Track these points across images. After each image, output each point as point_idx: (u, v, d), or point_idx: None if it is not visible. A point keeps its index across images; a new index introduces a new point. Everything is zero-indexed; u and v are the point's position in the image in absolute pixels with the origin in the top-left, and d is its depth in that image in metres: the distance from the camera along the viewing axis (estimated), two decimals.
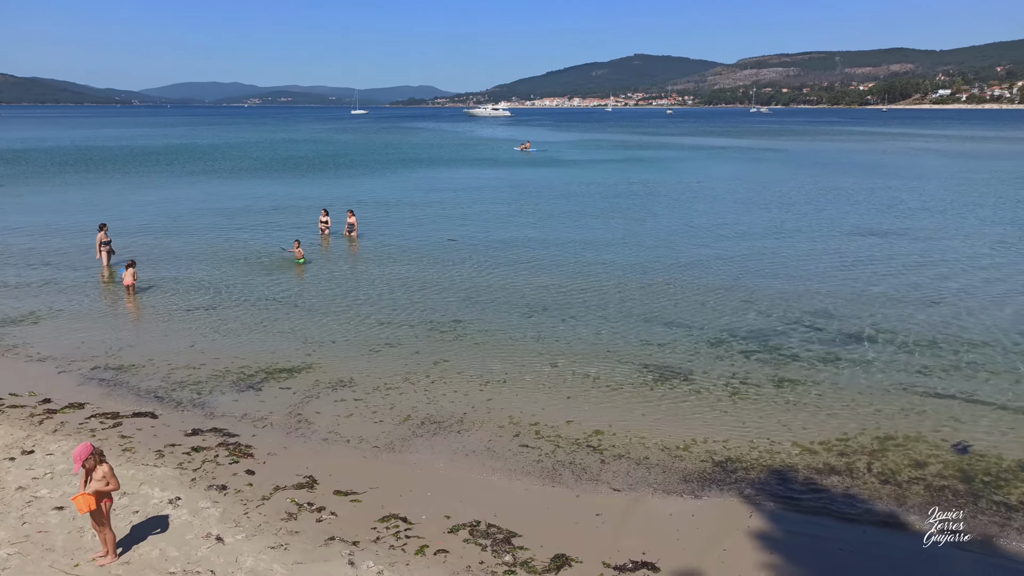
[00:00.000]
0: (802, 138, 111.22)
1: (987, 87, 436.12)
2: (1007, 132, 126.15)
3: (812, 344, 15.46)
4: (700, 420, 11.85)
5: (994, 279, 21.09)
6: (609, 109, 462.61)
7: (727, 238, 27.87)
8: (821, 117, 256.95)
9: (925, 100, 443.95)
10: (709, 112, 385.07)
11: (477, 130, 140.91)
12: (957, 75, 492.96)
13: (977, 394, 12.77)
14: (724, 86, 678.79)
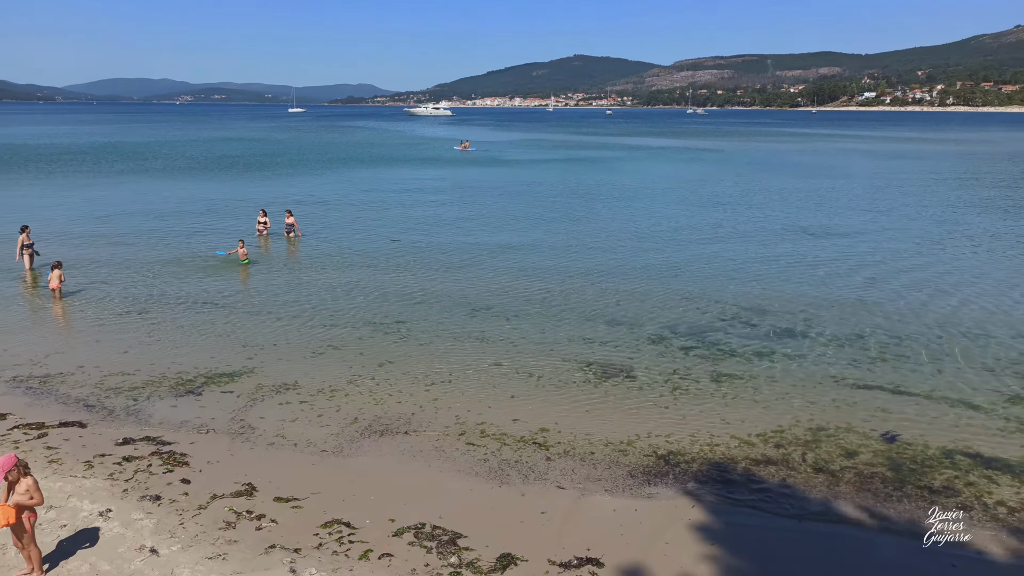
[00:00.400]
0: (737, 139, 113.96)
1: (909, 90, 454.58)
2: (928, 133, 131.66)
3: (748, 339, 15.84)
4: (643, 416, 12.01)
5: (917, 275, 21.95)
6: (550, 109, 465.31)
7: (666, 237, 28.34)
8: (754, 118, 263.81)
9: (852, 102, 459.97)
10: (647, 112, 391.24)
11: (418, 129, 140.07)
12: (881, 78, 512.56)
13: (903, 385, 13.26)
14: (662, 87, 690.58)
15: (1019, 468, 10.11)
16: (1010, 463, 10.28)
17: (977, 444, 10.89)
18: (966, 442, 10.96)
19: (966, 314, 17.74)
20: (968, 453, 10.56)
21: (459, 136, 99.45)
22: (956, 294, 19.61)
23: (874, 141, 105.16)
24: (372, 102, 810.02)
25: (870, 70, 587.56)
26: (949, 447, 10.80)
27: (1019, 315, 17.62)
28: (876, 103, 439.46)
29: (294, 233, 27.83)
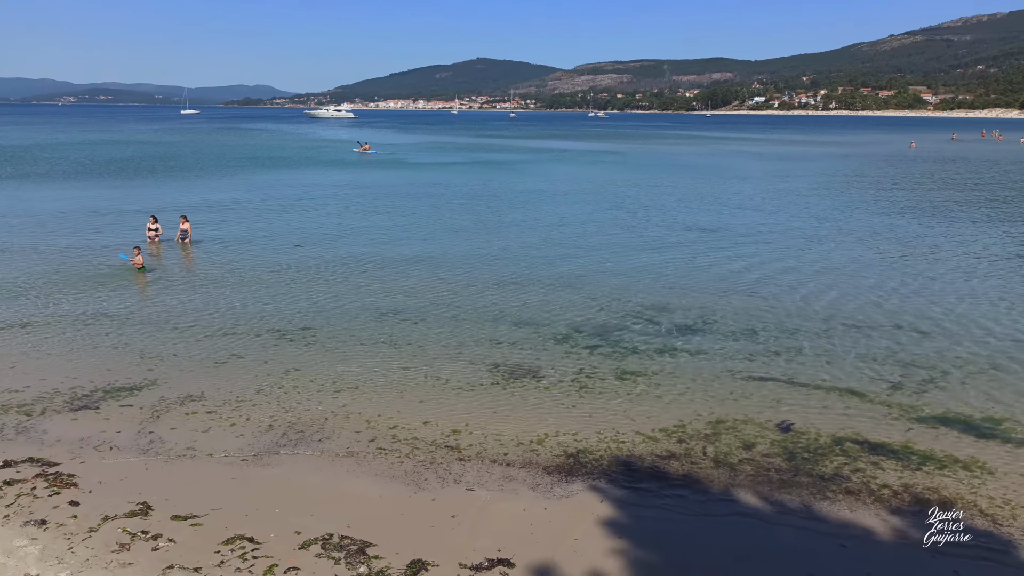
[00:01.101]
0: (636, 141, 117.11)
1: (795, 95, 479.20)
2: (812, 136, 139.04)
3: (650, 336, 16.31)
4: (551, 415, 12.17)
5: (803, 270, 23.15)
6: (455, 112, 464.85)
7: (571, 238, 28.83)
8: (653, 121, 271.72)
9: (744, 106, 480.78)
10: (550, 116, 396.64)
11: (319, 132, 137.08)
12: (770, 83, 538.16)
13: (795, 376, 13.94)
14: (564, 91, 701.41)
15: (902, 453, 10.77)
16: (894, 448, 10.94)
17: (864, 431, 11.54)
18: (854, 429, 11.59)
19: (848, 306, 18.83)
20: (856, 440, 11.17)
21: (363, 138, 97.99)
22: (838, 288, 20.78)
23: (764, 144, 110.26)
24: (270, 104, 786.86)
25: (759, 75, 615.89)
26: (839, 435, 11.39)
27: (893, 306, 18.82)
28: (766, 107, 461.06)
29: (188, 239, 26.73)
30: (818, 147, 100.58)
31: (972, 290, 20.63)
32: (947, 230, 30.88)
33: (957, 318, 17.79)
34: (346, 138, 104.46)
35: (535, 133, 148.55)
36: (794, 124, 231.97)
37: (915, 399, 12.82)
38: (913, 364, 14.55)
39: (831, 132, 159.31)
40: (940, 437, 11.34)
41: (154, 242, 26.64)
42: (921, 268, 23.46)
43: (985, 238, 29.03)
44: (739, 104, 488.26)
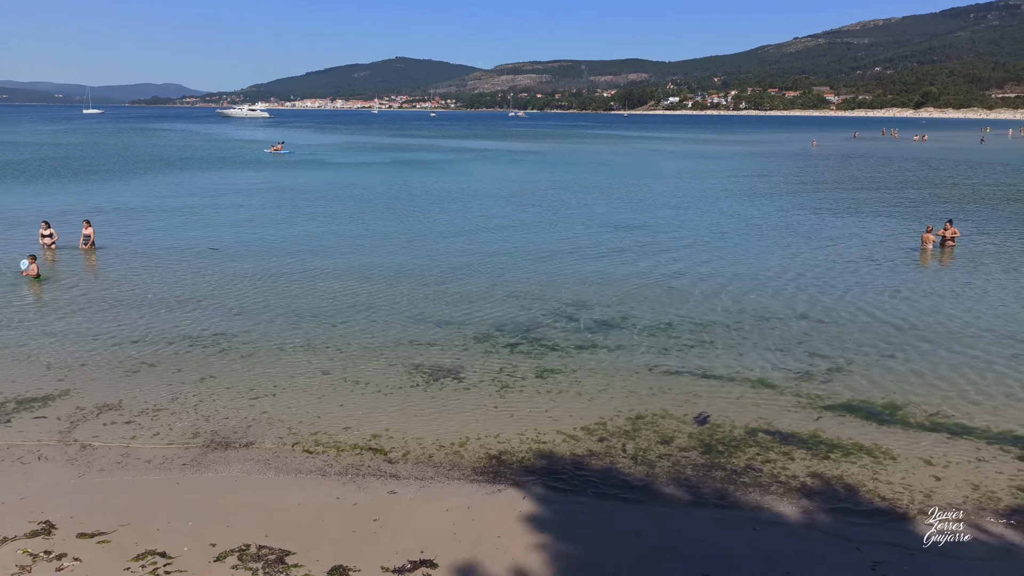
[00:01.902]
0: (556, 140, 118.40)
1: (708, 95, 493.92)
2: (724, 135, 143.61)
3: (570, 332, 16.55)
4: (473, 416, 12.14)
5: (715, 264, 23.90)
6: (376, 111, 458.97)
7: (492, 237, 28.94)
8: (572, 121, 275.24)
9: (659, 106, 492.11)
10: (471, 115, 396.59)
11: (233, 132, 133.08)
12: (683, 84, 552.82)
13: (710, 368, 14.34)
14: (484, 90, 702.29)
15: (811, 442, 11.14)
16: (803, 437, 11.31)
17: (775, 421, 11.92)
18: (766, 420, 11.95)
19: (757, 299, 19.55)
20: (768, 431, 11.53)
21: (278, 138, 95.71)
22: (748, 281, 21.55)
23: (679, 143, 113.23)
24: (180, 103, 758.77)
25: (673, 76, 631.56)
26: (752, 426, 11.73)
27: (799, 298, 19.63)
28: (680, 107, 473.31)
29: (92, 244, 25.54)
30: (729, 146, 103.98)
31: (871, 280, 21.74)
32: (845, 223, 32.45)
33: (858, 307, 18.72)
34: (262, 138, 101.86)
35: (456, 133, 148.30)
36: (707, 124, 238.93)
37: (822, 388, 13.34)
38: (818, 353, 15.20)
39: (741, 131, 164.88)
40: (846, 424, 11.82)
41: (50, 249, 25.28)
42: (823, 260, 24.57)
43: (880, 230, 30.64)
44: (655, 104, 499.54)
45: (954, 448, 10.98)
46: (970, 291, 20.68)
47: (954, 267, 24.14)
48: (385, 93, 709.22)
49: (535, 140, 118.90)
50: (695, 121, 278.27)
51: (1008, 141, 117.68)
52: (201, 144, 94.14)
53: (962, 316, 18.02)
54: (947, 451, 10.87)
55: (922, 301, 19.50)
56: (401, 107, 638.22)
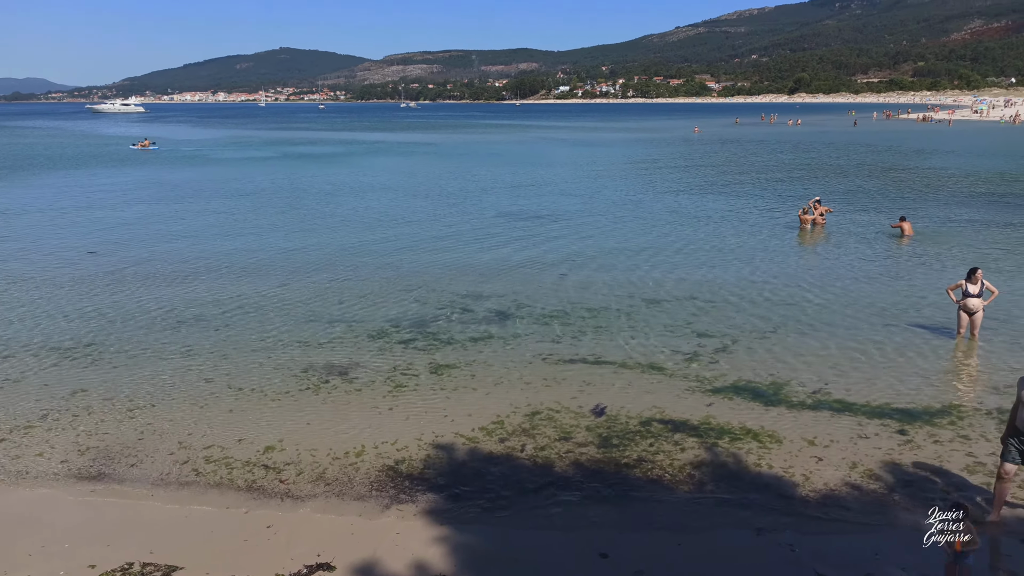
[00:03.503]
0: (450, 131, 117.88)
1: (597, 84, 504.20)
2: (613, 123, 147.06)
3: (465, 325, 16.39)
4: (367, 422, 11.60)
5: (608, 250, 24.31)
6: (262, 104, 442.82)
7: (385, 230, 28.43)
8: (465, 111, 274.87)
9: (550, 95, 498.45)
10: (362, 107, 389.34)
11: (105, 128, 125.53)
12: (573, 73, 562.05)
13: (604, 355, 14.38)
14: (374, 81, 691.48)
15: (702, 429, 11.17)
16: (694, 424, 11.32)
17: (668, 408, 11.91)
18: (659, 408, 11.93)
19: (647, 283, 19.97)
20: (662, 419, 11.50)
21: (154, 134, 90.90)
22: (638, 265, 22.01)
23: (570, 131, 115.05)
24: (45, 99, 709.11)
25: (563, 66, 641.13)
26: (646, 415, 11.68)
27: (686, 280, 20.21)
28: (570, 96, 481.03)
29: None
30: (618, 133, 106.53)
31: (753, 259, 22.67)
32: (727, 205, 33.80)
33: (742, 287, 19.44)
34: (138, 134, 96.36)
35: (347, 125, 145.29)
36: (597, 112, 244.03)
37: (711, 369, 13.61)
38: (707, 334, 15.61)
39: (629, 119, 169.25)
40: (734, 408, 11.97)
41: None
42: (708, 242, 25.47)
43: (759, 210, 32.09)
44: (546, 93, 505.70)
45: (836, 426, 11.21)
46: (843, 266, 21.91)
47: (827, 244, 25.54)
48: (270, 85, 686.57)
49: (428, 131, 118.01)
50: (585, 109, 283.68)
51: (874, 124, 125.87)
52: (71, 142, 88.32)
53: (837, 291, 19.01)
54: (829, 429, 11.07)
55: (800, 278, 20.45)
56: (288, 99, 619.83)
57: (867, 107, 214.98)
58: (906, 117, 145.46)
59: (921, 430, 11.04)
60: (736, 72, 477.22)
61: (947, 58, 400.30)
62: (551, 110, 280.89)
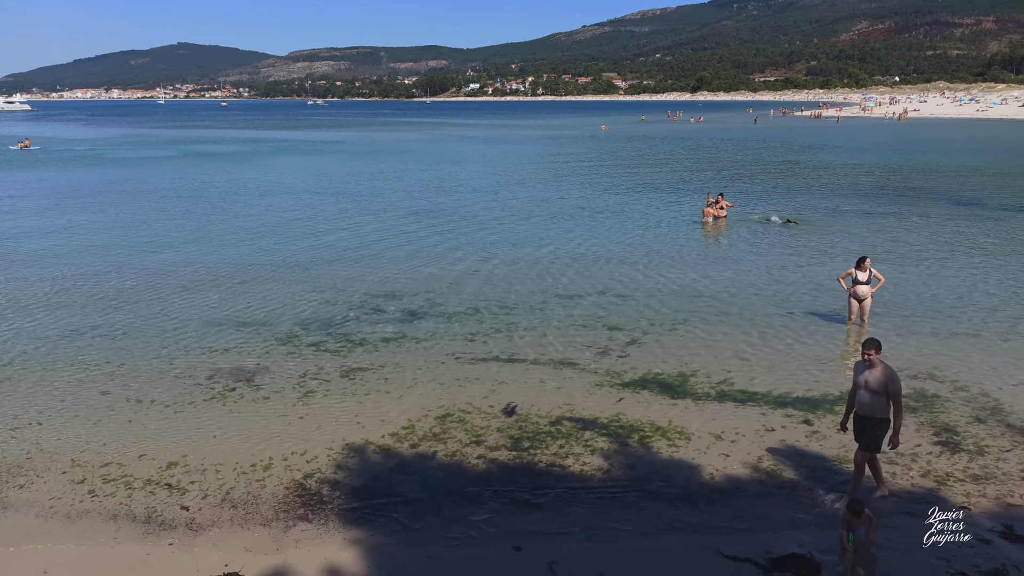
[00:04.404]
0: (360, 129, 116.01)
1: (506, 82, 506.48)
2: (523, 120, 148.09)
3: (376, 325, 16.14)
4: (276, 432, 11.12)
5: (522, 246, 24.44)
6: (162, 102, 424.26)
7: (294, 230, 27.70)
8: (375, 109, 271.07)
9: (460, 93, 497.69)
10: (267, 104, 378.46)
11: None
12: (483, 71, 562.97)
13: (516, 353, 14.39)
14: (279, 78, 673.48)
15: (612, 426, 11.17)
16: (604, 422, 11.32)
17: (578, 406, 11.90)
18: (570, 405, 11.93)
19: (559, 278, 20.19)
20: (572, 418, 11.47)
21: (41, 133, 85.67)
22: (551, 261, 22.22)
23: (481, 128, 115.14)
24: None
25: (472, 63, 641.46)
26: (556, 413, 11.64)
27: (597, 274, 20.55)
28: (481, 93, 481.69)
29: None
30: (528, 131, 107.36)
31: (661, 253, 23.26)
32: (634, 200, 34.59)
33: (650, 280, 19.89)
34: (21, 133, 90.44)
35: (252, 123, 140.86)
36: (507, 109, 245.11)
37: (621, 364, 13.79)
38: (618, 328, 15.87)
39: (538, 116, 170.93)
40: (643, 402, 12.09)
41: None
42: (617, 236, 25.97)
43: (663, 205, 32.97)
44: (456, 91, 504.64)
45: (742, 418, 11.43)
46: (743, 258, 22.76)
47: (728, 236, 26.49)
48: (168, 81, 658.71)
49: (337, 129, 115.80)
50: (496, 107, 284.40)
51: (772, 120, 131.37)
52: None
53: (740, 282, 19.70)
54: (736, 422, 11.26)
55: (705, 270, 21.11)
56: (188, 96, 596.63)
57: (765, 104, 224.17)
58: (800, 114, 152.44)
59: (824, 419, 11.39)
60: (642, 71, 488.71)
61: (837, 58, 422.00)
62: (462, 108, 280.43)
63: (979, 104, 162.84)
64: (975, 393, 12.34)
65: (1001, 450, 10.31)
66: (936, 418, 11.41)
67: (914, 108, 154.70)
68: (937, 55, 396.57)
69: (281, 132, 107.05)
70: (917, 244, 24.65)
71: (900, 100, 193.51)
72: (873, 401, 8.68)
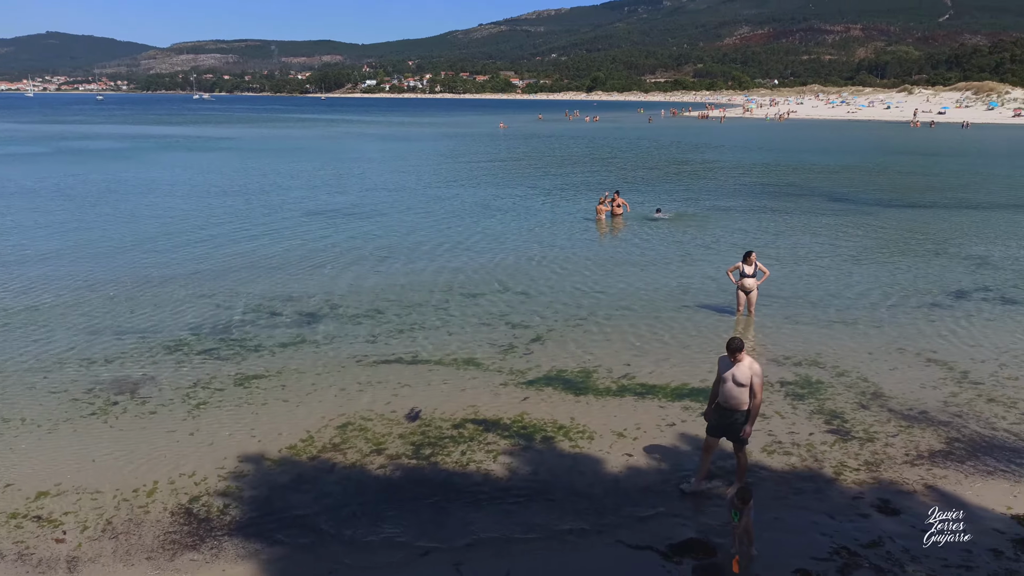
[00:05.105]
0: (251, 125, 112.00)
1: (404, 78, 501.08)
2: (421, 118, 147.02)
3: (274, 329, 15.56)
4: (163, 450, 10.30)
5: (422, 245, 24.17)
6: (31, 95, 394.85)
7: (182, 230, 26.37)
8: (266, 104, 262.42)
9: (357, 89, 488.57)
10: (148, 98, 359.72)
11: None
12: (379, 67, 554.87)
13: (419, 354, 14.15)
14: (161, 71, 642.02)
15: (515, 427, 11.05)
16: (507, 423, 11.17)
17: (483, 406, 11.74)
18: (474, 405, 11.77)
19: (462, 276, 20.09)
20: (476, 420, 11.27)
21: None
22: (454, 259, 22.10)
23: (379, 125, 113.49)
24: None
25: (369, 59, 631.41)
26: (460, 416, 11.40)
27: (500, 271, 20.57)
28: (378, 90, 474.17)
29: None
30: (427, 128, 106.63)
31: (559, 250, 23.52)
32: (531, 196, 34.95)
33: (550, 276, 20.06)
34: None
35: (132, 118, 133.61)
36: (405, 106, 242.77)
37: (525, 362, 13.78)
38: (522, 325, 15.91)
39: (437, 114, 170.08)
40: (547, 399, 12.05)
41: None
42: (517, 234, 26.12)
43: (561, 201, 33.45)
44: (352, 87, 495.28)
45: (643, 413, 11.53)
46: (638, 253, 23.37)
47: (625, 232, 27.16)
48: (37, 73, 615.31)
49: (226, 125, 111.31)
50: (394, 104, 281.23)
51: (663, 120, 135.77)
52: None
53: (636, 277, 20.18)
54: (637, 418, 11.35)
55: (603, 266, 21.51)
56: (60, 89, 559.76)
57: (656, 105, 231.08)
58: (688, 115, 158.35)
59: None
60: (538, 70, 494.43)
61: (722, 61, 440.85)
62: (358, 104, 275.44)
63: (849, 106, 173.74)
64: (855, 379, 13.09)
65: (888, 435, 10.90)
66: (824, 405, 12.01)
67: (791, 110, 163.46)
68: (811, 60, 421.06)
69: (164, 128, 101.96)
70: (797, 238, 26.02)
71: (779, 102, 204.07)
72: (740, 394, 8.98)
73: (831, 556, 8.02)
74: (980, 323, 16.34)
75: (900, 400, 12.16)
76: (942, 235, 26.86)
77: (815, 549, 8.16)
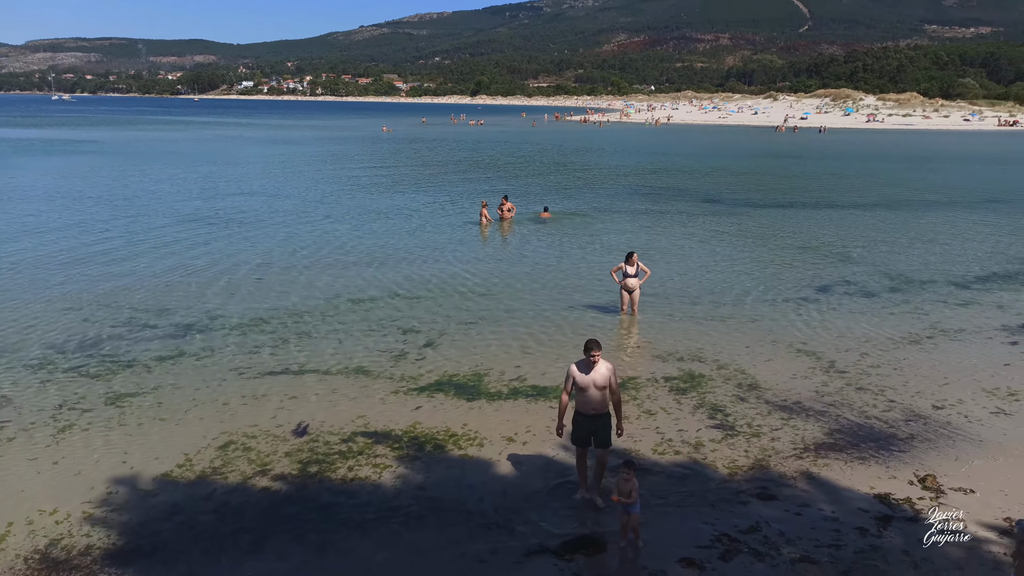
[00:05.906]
0: (117, 127, 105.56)
1: (283, 80, 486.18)
2: (302, 120, 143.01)
3: (149, 343, 14.70)
4: (22, 484, 9.37)
5: (311, 251, 23.50)
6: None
7: (39, 240, 24.48)
8: (134, 106, 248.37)
9: (232, 90, 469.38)
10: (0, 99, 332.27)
11: None
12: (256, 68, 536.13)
13: (307, 364, 13.72)
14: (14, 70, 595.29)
15: (406, 439, 10.70)
16: (399, 434, 10.86)
17: (373, 417, 11.42)
18: (364, 416, 11.45)
19: (350, 282, 19.70)
20: (366, 432, 10.93)
21: None
22: (339, 265, 21.59)
23: (257, 128, 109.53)
24: None
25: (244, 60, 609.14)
26: (349, 429, 11.03)
27: (389, 275, 20.30)
28: (255, 92, 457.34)
29: None
30: (308, 131, 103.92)
31: (446, 253, 23.46)
32: (416, 200, 34.75)
33: (439, 280, 19.97)
34: None
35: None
36: (285, 109, 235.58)
37: (417, 367, 13.62)
38: (413, 330, 15.74)
39: (319, 117, 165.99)
40: (438, 407, 11.88)
41: None
42: (403, 238, 25.89)
43: (446, 205, 33.45)
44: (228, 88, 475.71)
45: (534, 415, 11.51)
46: (525, 255, 23.65)
47: (512, 235, 27.43)
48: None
49: (89, 127, 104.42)
50: (273, 106, 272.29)
51: (547, 124, 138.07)
52: None
53: (523, 279, 20.41)
54: (528, 420, 11.30)
55: (491, 268, 21.65)
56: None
57: (539, 109, 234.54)
58: (571, 119, 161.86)
59: None
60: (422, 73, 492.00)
61: (601, 67, 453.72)
62: (235, 106, 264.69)
63: (720, 112, 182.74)
64: (734, 371, 13.76)
65: (771, 428, 11.41)
66: (705, 398, 12.53)
67: (668, 115, 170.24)
68: (685, 67, 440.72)
69: (19, 130, 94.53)
70: (676, 238, 27.12)
71: (656, 107, 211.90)
72: (603, 397, 9.04)
73: (712, 544, 8.38)
74: (844, 315, 17.55)
75: (776, 391, 12.86)
76: (807, 232, 28.69)
77: (698, 538, 8.50)
